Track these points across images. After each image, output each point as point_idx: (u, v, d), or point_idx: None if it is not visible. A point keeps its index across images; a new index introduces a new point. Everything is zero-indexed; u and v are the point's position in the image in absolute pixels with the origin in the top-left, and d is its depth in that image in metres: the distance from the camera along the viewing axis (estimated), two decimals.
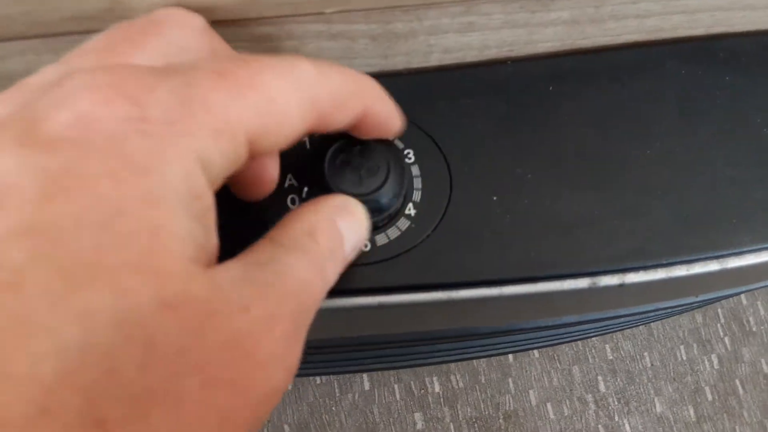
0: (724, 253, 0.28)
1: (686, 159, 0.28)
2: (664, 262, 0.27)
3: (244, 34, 0.23)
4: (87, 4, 0.20)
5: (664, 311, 0.44)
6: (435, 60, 0.28)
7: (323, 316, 0.27)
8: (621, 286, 0.27)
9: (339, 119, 0.20)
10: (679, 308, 0.44)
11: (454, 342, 0.42)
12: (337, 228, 0.21)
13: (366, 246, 0.26)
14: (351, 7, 0.23)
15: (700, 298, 0.35)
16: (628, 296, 0.31)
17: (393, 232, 0.26)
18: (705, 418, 0.84)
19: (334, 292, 0.25)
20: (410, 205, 0.26)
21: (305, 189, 0.25)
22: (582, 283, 0.27)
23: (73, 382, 0.12)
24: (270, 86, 0.18)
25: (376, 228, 0.26)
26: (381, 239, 0.26)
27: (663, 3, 0.27)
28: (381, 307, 0.26)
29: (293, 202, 0.26)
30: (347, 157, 0.25)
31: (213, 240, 0.17)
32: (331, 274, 0.20)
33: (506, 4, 0.25)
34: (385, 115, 0.23)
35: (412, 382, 0.84)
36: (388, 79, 0.28)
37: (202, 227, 0.16)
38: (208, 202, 0.17)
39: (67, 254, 0.13)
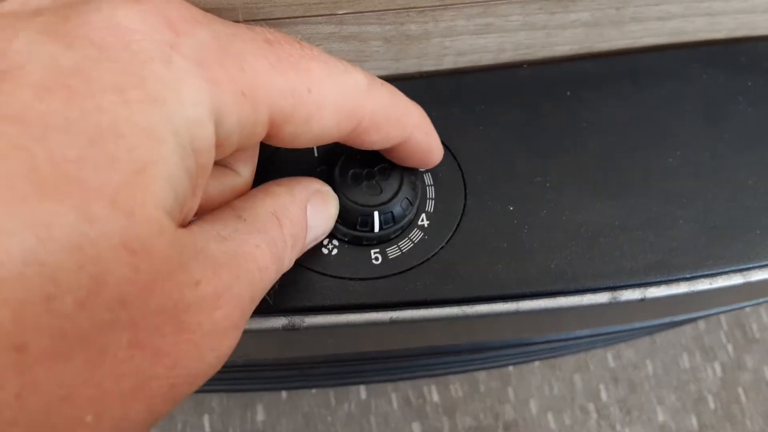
0: (748, 266, 0.27)
1: (709, 167, 0.27)
2: (687, 275, 0.26)
3: None
4: None
5: (677, 323, 0.43)
6: (448, 63, 0.27)
7: (333, 332, 0.25)
8: (642, 300, 0.26)
9: (375, 140, 0.20)
10: (692, 319, 0.43)
11: (459, 356, 0.41)
12: (305, 215, 0.20)
13: (377, 259, 0.24)
14: (364, 8, 0.22)
15: (717, 309, 0.34)
16: (648, 310, 0.30)
17: (405, 245, 0.25)
18: (708, 427, 0.83)
19: (345, 307, 0.24)
20: (423, 215, 0.25)
21: None
22: (602, 297, 0.25)
23: (7, 294, 0.11)
24: (313, 76, 0.17)
25: (388, 240, 0.25)
26: (393, 251, 0.24)
27: (686, 5, 0.26)
28: (393, 322, 0.25)
29: None
30: (358, 165, 0.23)
31: (194, 203, 0.16)
32: (287, 263, 0.19)
33: (525, 5, 0.24)
34: (426, 148, 0.22)
35: (409, 392, 0.83)
36: (399, 83, 0.27)
37: (190, 184, 0.15)
38: (207, 161, 0.15)
39: (46, 156, 0.12)
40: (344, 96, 0.18)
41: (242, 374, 0.45)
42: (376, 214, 0.23)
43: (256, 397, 0.81)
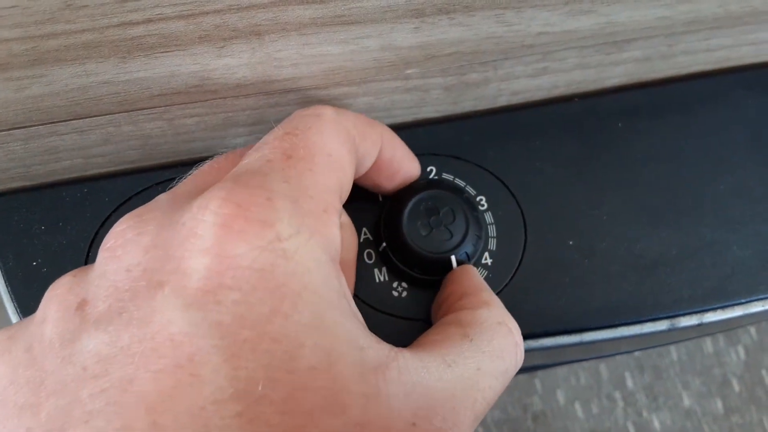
0: None
1: (759, 191, 0.28)
2: (743, 300, 0.27)
3: (321, 95, 0.23)
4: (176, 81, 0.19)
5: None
6: (503, 101, 0.27)
7: None
8: (699, 325, 0.27)
9: (367, 148, 0.21)
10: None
11: None
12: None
13: None
14: (430, 66, 0.22)
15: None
16: (701, 330, 0.31)
17: None
18: (733, 410, 0.84)
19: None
20: (486, 254, 0.26)
21: (383, 244, 0.25)
22: (661, 325, 0.26)
23: None
24: (327, 147, 0.18)
25: None
26: None
27: (734, 38, 0.26)
28: None
29: (369, 257, 0.25)
30: (425, 213, 0.24)
31: (366, 331, 0.17)
32: (519, 362, 0.20)
33: (582, 49, 0.24)
34: (402, 151, 0.23)
35: None
36: (455, 123, 0.28)
37: (359, 323, 0.16)
38: (345, 286, 0.17)
39: (281, 400, 0.13)
40: (339, 131, 0.19)
41: None
42: (453, 258, 0.24)
43: None
